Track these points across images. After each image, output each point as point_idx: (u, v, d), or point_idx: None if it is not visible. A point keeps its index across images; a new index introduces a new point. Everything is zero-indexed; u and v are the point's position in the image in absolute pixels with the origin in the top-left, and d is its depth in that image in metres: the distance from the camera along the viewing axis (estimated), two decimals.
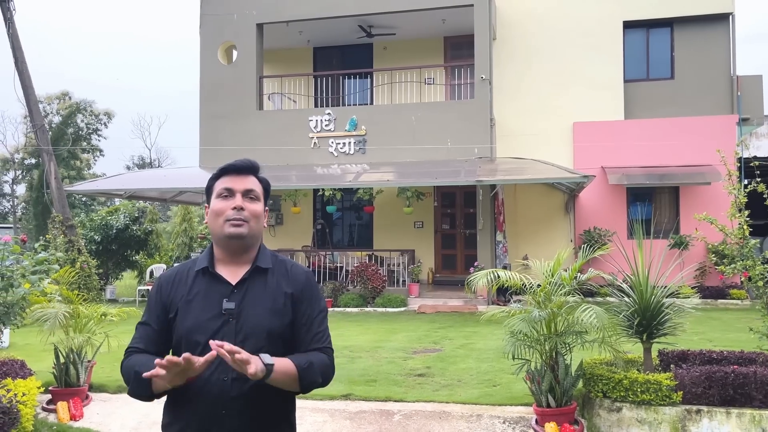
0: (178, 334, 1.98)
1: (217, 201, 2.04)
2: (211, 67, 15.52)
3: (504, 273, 5.62)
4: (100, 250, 16.43)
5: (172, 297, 2.02)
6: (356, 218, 17.21)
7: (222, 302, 1.95)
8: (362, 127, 14.57)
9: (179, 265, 2.16)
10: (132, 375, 1.91)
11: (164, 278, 2.10)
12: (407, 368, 7.53)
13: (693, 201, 14.11)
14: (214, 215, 2.04)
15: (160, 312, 2.03)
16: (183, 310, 1.98)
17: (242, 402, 1.91)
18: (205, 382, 1.90)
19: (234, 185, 2.04)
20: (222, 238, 2.03)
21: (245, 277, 2.02)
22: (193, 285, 2.02)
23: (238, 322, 1.95)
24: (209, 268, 2.04)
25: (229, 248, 2.04)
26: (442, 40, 16.57)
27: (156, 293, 2.07)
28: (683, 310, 5.29)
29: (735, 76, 14.92)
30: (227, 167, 2.08)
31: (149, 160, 45.62)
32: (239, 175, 2.06)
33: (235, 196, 2.03)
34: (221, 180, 2.07)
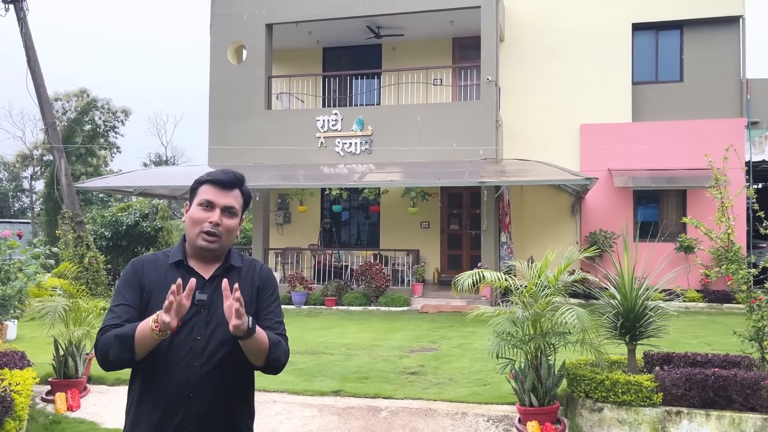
0: None
1: (197, 209, 2.14)
2: (220, 67, 15.72)
3: (489, 273, 5.70)
4: (110, 246, 16.72)
5: (148, 280, 2.13)
6: (363, 218, 17.33)
7: (195, 294, 2.03)
8: (369, 127, 14.68)
9: (152, 253, 2.27)
10: (113, 339, 1.96)
11: (137, 262, 2.20)
12: (401, 366, 7.63)
13: (700, 204, 14.03)
14: (191, 221, 2.14)
15: (136, 292, 2.11)
16: (157, 297, 2.06)
17: (209, 385, 2.03)
18: (175, 366, 2.02)
19: (216, 199, 2.14)
20: (194, 246, 2.15)
21: (217, 273, 2.15)
22: (167, 275, 2.12)
23: (209, 313, 2.08)
24: (183, 261, 2.16)
25: (199, 255, 2.18)
26: (450, 41, 16.63)
27: (131, 274, 2.14)
28: (666, 313, 5.32)
29: (745, 79, 14.82)
30: (214, 179, 2.17)
31: (165, 158, 46.13)
32: (224, 188, 2.16)
33: (214, 209, 2.13)
34: (205, 188, 2.16)
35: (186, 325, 2.04)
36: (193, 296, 1.99)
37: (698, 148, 14.06)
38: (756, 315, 5.19)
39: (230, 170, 2.23)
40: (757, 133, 15.91)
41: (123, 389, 6.61)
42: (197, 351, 2.03)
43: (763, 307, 5.17)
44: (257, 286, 2.22)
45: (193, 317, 2.07)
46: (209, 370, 2.04)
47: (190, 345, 2.02)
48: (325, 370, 7.41)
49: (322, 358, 8.16)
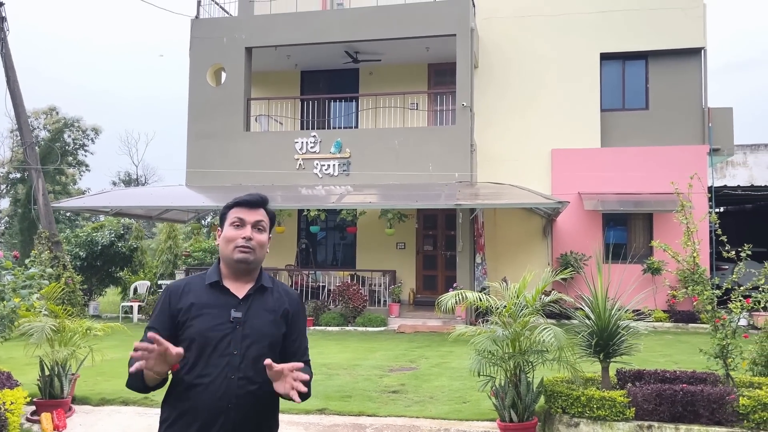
0: (190, 335, 2.24)
1: (229, 228, 2.34)
2: (199, 88, 15.87)
3: (472, 294, 5.96)
4: (84, 266, 16.57)
5: (182, 305, 2.29)
6: (339, 238, 17.51)
7: (230, 312, 2.26)
8: (347, 149, 14.94)
9: (186, 277, 2.47)
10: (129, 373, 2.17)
11: (173, 288, 2.37)
12: (382, 385, 7.81)
13: (666, 227, 14.57)
14: (225, 241, 2.34)
15: (167, 318, 2.29)
16: (196, 316, 2.26)
17: (245, 398, 2.21)
18: (213, 378, 2.19)
19: (246, 216, 2.35)
20: (230, 261, 2.34)
21: (250, 292, 2.35)
22: (204, 295, 2.31)
23: (243, 329, 2.26)
24: (219, 282, 2.35)
25: (235, 269, 2.35)
26: (426, 66, 17.07)
27: (165, 301, 2.33)
28: (638, 332, 5.63)
29: (706, 108, 15.50)
30: (242, 201, 2.39)
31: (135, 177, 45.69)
32: (251, 208, 2.38)
33: (245, 226, 2.34)
34: (234, 210, 2.37)
35: (223, 341, 2.23)
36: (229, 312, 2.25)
37: (664, 174, 14.71)
38: (720, 334, 5.52)
39: (255, 193, 2.44)
40: (719, 160, 16.64)
41: (108, 409, 6.69)
42: (234, 365, 2.21)
43: (726, 326, 5.51)
44: (287, 309, 2.40)
45: (229, 333, 2.25)
46: (245, 383, 2.22)
47: (228, 359, 2.20)
48: None
49: None
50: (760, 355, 5.90)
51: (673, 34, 15.56)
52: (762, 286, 5.95)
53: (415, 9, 14.89)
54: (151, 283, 16.95)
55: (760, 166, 23.91)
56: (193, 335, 2.23)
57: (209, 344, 2.21)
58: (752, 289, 6.08)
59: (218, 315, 2.26)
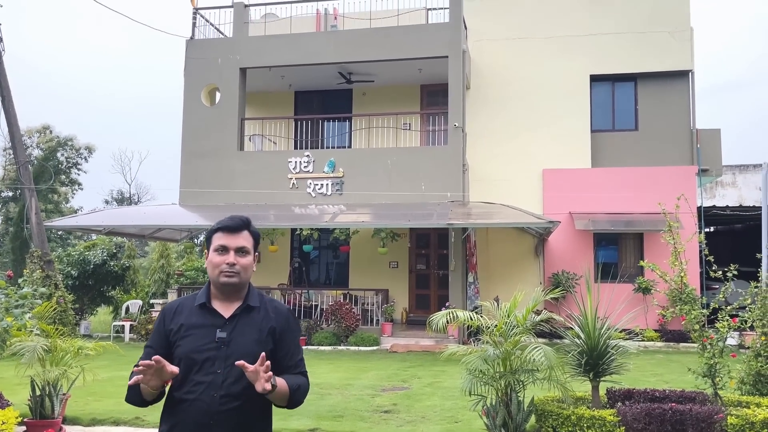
0: (179, 355, 2.37)
1: (214, 255, 2.45)
2: (194, 108, 15.98)
3: (462, 313, 6.01)
4: (76, 285, 16.52)
5: (173, 325, 2.43)
6: (332, 257, 17.54)
7: (216, 332, 2.37)
8: (340, 169, 15.04)
9: (181, 298, 2.59)
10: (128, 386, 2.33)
11: (167, 309, 2.51)
12: (374, 405, 7.82)
13: (657, 247, 14.68)
14: (211, 266, 2.46)
15: (162, 337, 2.44)
16: (183, 336, 2.39)
17: (227, 415, 2.31)
18: (198, 395, 2.31)
19: (228, 242, 2.45)
20: (217, 284, 2.46)
21: (236, 312, 2.45)
22: (193, 316, 2.43)
23: (228, 349, 2.36)
24: (206, 304, 2.46)
25: (223, 291, 2.47)
26: (418, 87, 17.26)
27: (161, 322, 2.48)
28: (627, 351, 5.69)
29: (695, 129, 15.73)
30: (224, 226, 2.49)
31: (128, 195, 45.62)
32: (233, 233, 2.47)
33: (229, 252, 2.44)
34: (218, 235, 2.47)
35: (207, 361, 2.35)
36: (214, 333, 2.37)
37: (654, 194, 14.85)
38: (708, 353, 5.59)
39: (237, 216, 2.53)
40: (708, 180, 16.83)
41: (100, 430, 6.67)
42: (217, 383, 2.32)
43: (714, 345, 5.58)
44: (273, 326, 2.48)
45: (214, 353, 2.36)
46: (228, 400, 2.32)
47: (212, 378, 2.32)
48: (299, 409, 7.50)
49: None
50: (748, 374, 5.97)
51: (662, 56, 15.84)
52: (749, 305, 6.05)
53: (408, 31, 15.10)
54: (143, 302, 16.90)
55: (748, 187, 24.16)
56: (181, 355, 2.36)
57: (195, 363, 2.33)
58: (740, 309, 6.17)
59: (205, 335, 2.37)
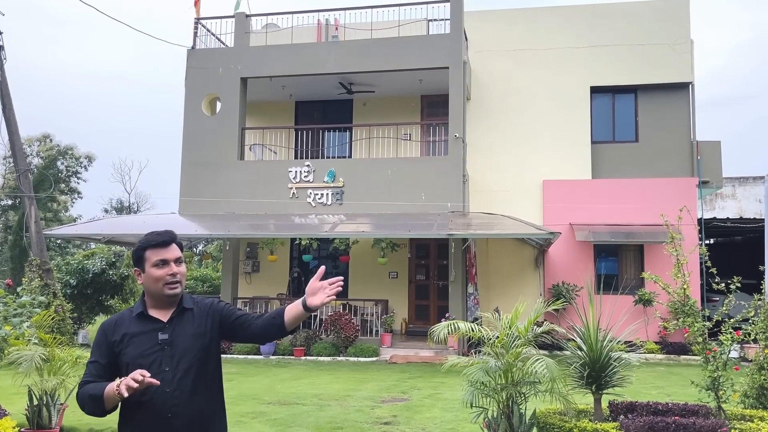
0: (125, 362, 2.53)
1: (153, 269, 2.61)
2: (194, 117, 15.99)
3: (464, 324, 5.96)
4: (75, 294, 16.44)
5: (116, 337, 2.58)
6: (332, 267, 17.46)
7: (158, 335, 2.57)
8: (340, 179, 15.04)
9: (117, 314, 2.75)
10: (87, 398, 2.47)
11: (107, 324, 2.67)
12: (374, 416, 7.75)
13: (657, 258, 14.66)
14: (154, 280, 2.61)
15: (106, 349, 2.58)
16: (127, 344, 2.56)
17: (182, 406, 2.52)
18: (152, 395, 2.48)
19: (166, 256, 2.63)
20: (162, 296, 2.63)
21: (173, 315, 2.64)
22: (133, 326, 2.61)
23: (171, 348, 2.57)
24: (144, 312, 2.64)
25: (165, 301, 2.65)
26: (419, 98, 17.30)
27: (102, 336, 2.62)
28: (630, 363, 5.64)
29: (695, 141, 15.76)
30: (157, 242, 2.64)
31: (128, 204, 45.59)
32: (167, 246, 2.65)
33: (169, 264, 2.62)
34: (151, 251, 2.62)
35: (154, 362, 2.53)
36: (156, 336, 2.57)
37: (654, 205, 14.85)
38: (711, 366, 5.54)
39: (162, 231, 2.69)
40: (708, 192, 16.83)
41: None
42: (168, 380, 2.51)
43: (717, 358, 5.53)
44: (212, 314, 2.71)
45: (158, 353, 2.55)
46: (180, 393, 2.51)
47: (161, 376, 2.48)
48: (298, 420, 7.49)
49: (294, 409, 8.21)
50: (752, 388, 5.91)
51: (662, 68, 15.89)
52: (752, 318, 6.01)
53: (409, 42, 15.14)
54: None
55: (748, 199, 24.14)
56: (127, 361, 2.52)
57: (142, 366, 2.43)
58: (742, 321, 6.13)
59: (147, 340, 2.56)
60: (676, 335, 14.10)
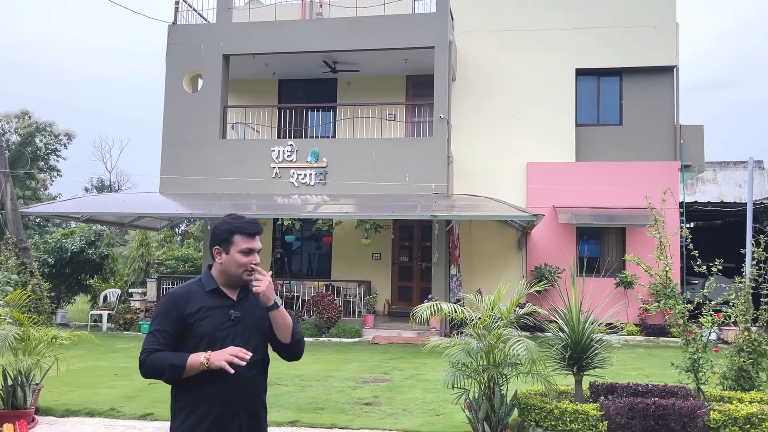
0: (200, 333, 2.65)
1: (240, 255, 2.73)
2: (175, 95, 15.70)
3: (446, 305, 5.93)
4: (53, 273, 16.22)
5: (191, 309, 2.69)
6: (315, 248, 17.40)
7: (229, 312, 2.71)
8: (324, 159, 14.89)
9: (181, 286, 2.82)
10: (166, 366, 2.58)
11: (178, 295, 2.74)
12: (356, 397, 7.73)
13: (638, 241, 14.76)
14: (237, 265, 2.73)
15: (176, 321, 2.67)
16: (203, 317, 2.68)
17: (252, 379, 2.71)
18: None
19: (254, 246, 2.78)
20: (238, 280, 2.77)
21: (241, 296, 2.80)
22: (207, 299, 2.73)
23: (242, 325, 2.73)
24: (219, 288, 2.77)
25: (238, 284, 2.79)
26: (404, 78, 17.13)
27: (173, 306, 2.70)
28: (611, 345, 5.65)
29: (678, 124, 15.79)
30: (251, 232, 2.78)
31: (108, 183, 44.99)
32: (255, 237, 2.80)
33: (253, 254, 2.77)
34: (243, 238, 2.75)
35: (228, 337, 2.67)
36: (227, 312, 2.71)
37: (637, 189, 14.89)
38: (692, 348, 5.57)
39: (254, 221, 2.83)
40: (690, 176, 16.92)
41: (73, 420, 6.51)
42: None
43: (698, 340, 5.56)
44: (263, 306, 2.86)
45: (230, 329, 2.70)
46: (249, 368, 2.64)
47: None
48: (279, 400, 7.44)
49: (275, 389, 8.16)
50: (731, 370, 5.97)
51: (647, 52, 15.85)
52: (732, 300, 6.04)
53: (394, 21, 14.95)
54: (121, 291, 16.64)
55: (728, 183, 24.40)
56: (203, 333, 2.64)
57: (217, 341, 2.63)
58: (722, 304, 6.17)
59: (221, 315, 2.69)
60: (656, 318, 14.27)
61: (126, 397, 7.52)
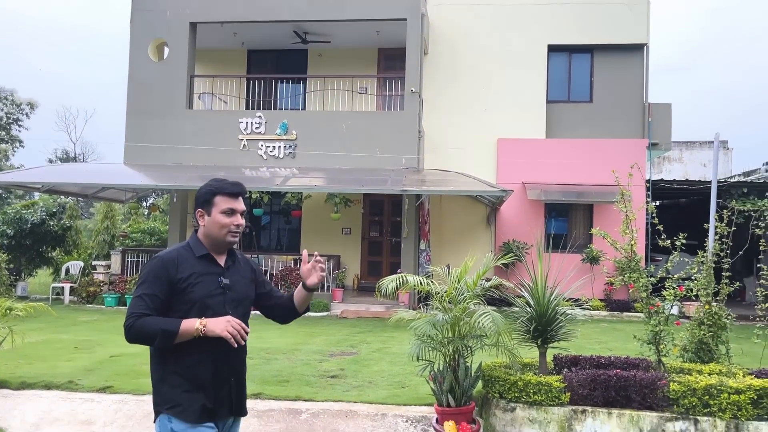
0: (192, 299, 2.65)
1: (221, 216, 2.75)
2: (140, 63, 15.24)
3: (413, 278, 5.88)
4: (12, 245, 15.78)
5: (182, 274, 2.66)
6: (284, 222, 17.23)
7: (219, 279, 2.73)
8: (293, 131, 14.66)
9: (170, 250, 2.76)
10: (158, 331, 2.55)
11: (167, 259, 2.69)
12: (321, 370, 7.69)
13: (605, 218, 14.92)
14: (219, 226, 2.75)
15: (166, 285, 2.64)
16: (195, 283, 2.67)
17: (241, 348, 2.74)
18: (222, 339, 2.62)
19: (236, 206, 2.78)
20: (222, 242, 2.78)
21: (229, 263, 2.82)
22: (198, 265, 2.72)
23: (232, 293, 2.76)
24: (209, 254, 2.77)
25: (223, 248, 2.81)
26: (376, 50, 16.89)
27: (163, 270, 2.65)
28: (575, 318, 5.68)
29: (647, 103, 15.91)
30: (232, 192, 2.77)
31: (74, 155, 43.90)
32: (237, 198, 2.79)
33: (236, 215, 2.78)
34: (223, 198, 2.75)
35: (218, 304, 2.70)
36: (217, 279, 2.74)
37: (605, 166, 15.00)
38: (654, 320, 5.63)
39: (236, 182, 2.81)
40: (657, 154, 17.12)
41: (29, 393, 6.34)
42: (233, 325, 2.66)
43: (660, 313, 5.62)
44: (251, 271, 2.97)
45: (221, 296, 2.73)
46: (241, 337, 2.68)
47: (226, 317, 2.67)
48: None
49: None
50: (691, 342, 6.05)
51: (618, 29, 15.87)
52: (694, 275, 6.11)
53: None
54: (85, 264, 16.28)
55: (694, 163, 24.84)
56: (195, 299, 2.65)
57: (208, 307, 2.65)
58: (684, 279, 6.23)
59: (212, 281, 2.71)
60: (620, 293, 14.51)
61: (85, 370, 7.35)
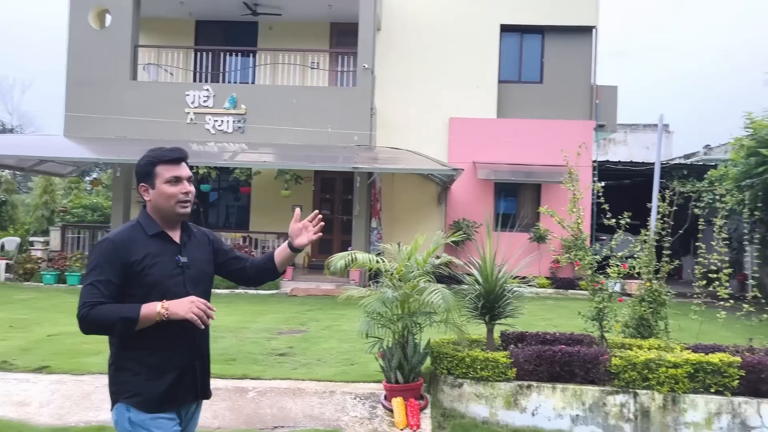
0: (150, 282, 2.46)
1: (167, 186, 2.55)
2: (80, 30, 14.56)
3: (362, 255, 5.84)
4: None
5: (136, 256, 2.46)
6: (233, 199, 16.92)
7: (176, 258, 2.55)
8: (242, 105, 14.33)
9: (120, 230, 2.55)
10: (117, 320, 2.36)
11: (117, 241, 2.49)
12: (269, 348, 7.60)
13: (553, 198, 15.20)
14: (166, 197, 2.55)
15: (120, 269, 2.43)
16: (152, 264, 2.48)
17: (204, 333, 2.64)
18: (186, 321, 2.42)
19: (180, 173, 2.57)
20: (173, 215, 2.58)
21: (185, 239, 2.64)
22: (152, 245, 2.52)
23: (190, 271, 2.59)
24: (163, 232, 2.58)
25: (175, 221, 2.62)
26: (328, 25, 16.61)
27: (114, 253, 2.45)
28: (522, 295, 5.75)
29: (594, 85, 16.19)
30: (172, 158, 2.57)
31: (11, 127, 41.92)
32: (179, 164, 2.58)
33: (182, 182, 2.57)
34: (164, 167, 2.54)
35: (178, 284, 2.52)
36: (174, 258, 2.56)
37: (553, 146, 15.16)
38: (598, 297, 5.76)
39: (174, 147, 2.61)
40: (603, 135, 17.50)
41: None
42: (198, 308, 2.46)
43: (604, 290, 5.75)
44: (208, 242, 2.78)
45: (180, 276, 2.55)
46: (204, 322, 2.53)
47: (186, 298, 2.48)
48: None
49: None
50: (632, 318, 6.23)
51: (569, 11, 16.05)
52: (637, 253, 6.27)
53: None
54: (22, 240, 15.63)
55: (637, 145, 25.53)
56: (153, 282, 2.46)
57: (168, 289, 2.46)
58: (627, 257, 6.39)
59: (169, 261, 2.53)
60: (566, 271, 14.86)
61: (21, 349, 7.06)
